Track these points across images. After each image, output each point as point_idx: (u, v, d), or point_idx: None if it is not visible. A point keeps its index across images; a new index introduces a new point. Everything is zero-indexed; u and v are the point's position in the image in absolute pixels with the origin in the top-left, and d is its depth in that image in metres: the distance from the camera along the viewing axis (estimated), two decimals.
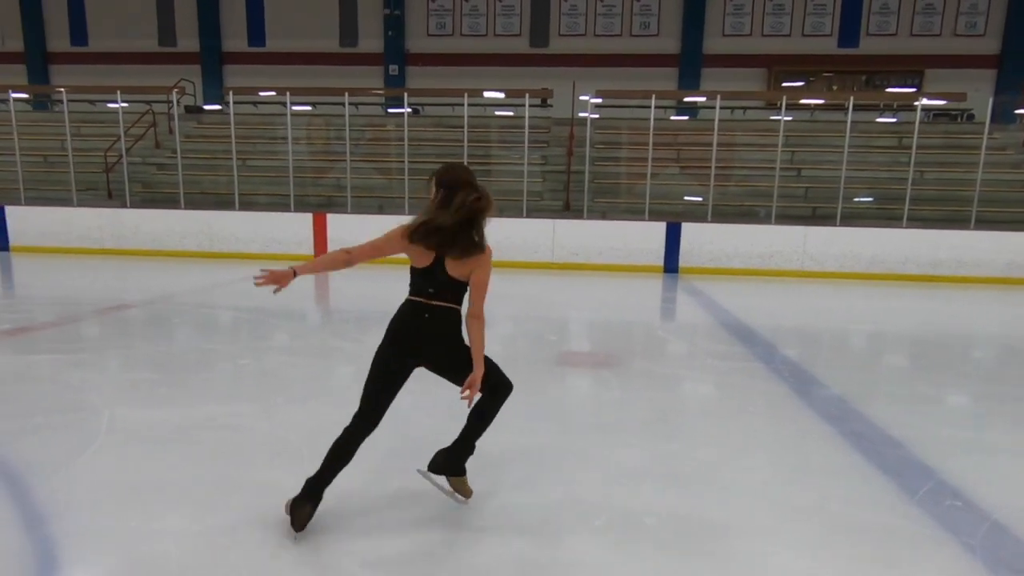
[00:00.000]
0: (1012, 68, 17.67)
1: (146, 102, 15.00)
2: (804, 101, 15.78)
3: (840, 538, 2.81)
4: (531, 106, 12.61)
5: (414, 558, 2.59)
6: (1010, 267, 11.22)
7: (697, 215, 12.43)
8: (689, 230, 11.72)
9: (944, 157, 13.70)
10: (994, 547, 2.74)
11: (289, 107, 13.11)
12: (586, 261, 11.86)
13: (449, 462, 2.88)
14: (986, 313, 9.31)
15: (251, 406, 4.38)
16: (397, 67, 19.33)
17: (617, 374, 5.46)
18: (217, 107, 16.66)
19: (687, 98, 16.88)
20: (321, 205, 13.26)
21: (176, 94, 14.22)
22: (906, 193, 11.78)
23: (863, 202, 12.90)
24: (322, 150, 15.07)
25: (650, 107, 12.31)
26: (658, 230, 11.76)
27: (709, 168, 12.16)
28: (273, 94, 14.55)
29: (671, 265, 11.73)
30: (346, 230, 12.20)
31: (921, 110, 12.15)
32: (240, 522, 2.80)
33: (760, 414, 4.54)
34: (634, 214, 12.46)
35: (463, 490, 2.95)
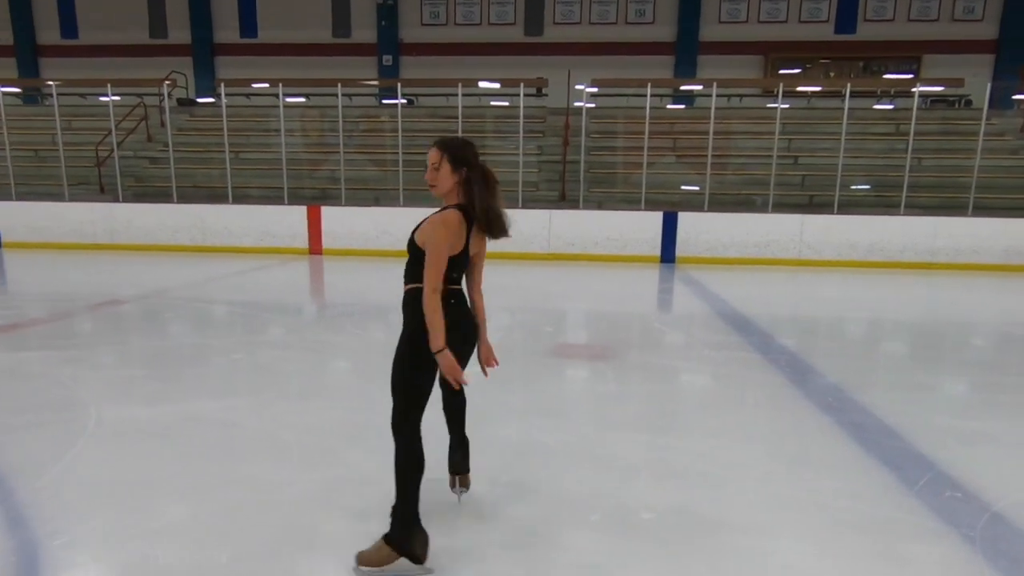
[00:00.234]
0: (1010, 53, 17.57)
1: (137, 95, 14.86)
2: (801, 88, 15.69)
3: (839, 531, 2.77)
4: (526, 96, 12.50)
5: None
6: (1008, 253, 11.19)
7: (694, 204, 12.37)
8: (686, 219, 11.66)
9: (942, 144, 13.63)
10: (994, 539, 2.70)
11: (282, 99, 12.99)
12: (582, 251, 11.80)
13: (464, 460, 2.86)
14: (984, 300, 9.27)
15: (243, 402, 4.33)
16: (391, 57, 19.17)
17: (613, 366, 5.41)
18: (210, 100, 16.52)
19: (683, 86, 16.78)
20: (315, 197, 13.16)
21: (167, 87, 14.09)
22: (904, 180, 11.72)
23: (860, 190, 12.85)
24: (316, 142, 14.96)
25: (646, 96, 12.20)
26: (654, 220, 11.69)
27: (706, 157, 12.08)
28: (266, 86, 14.42)
29: (668, 255, 11.68)
30: (340, 223, 12.13)
31: (919, 96, 12.06)
32: (228, 521, 2.75)
33: (757, 405, 4.50)
34: (630, 204, 12.39)
35: (467, 483, 2.93)
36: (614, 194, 13.23)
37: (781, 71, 18.34)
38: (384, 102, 16.04)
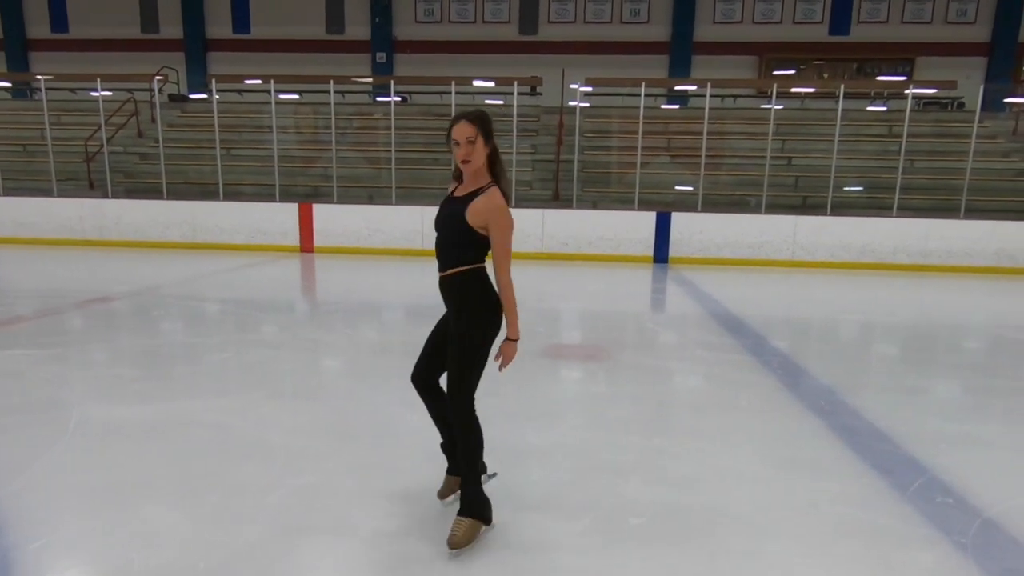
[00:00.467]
0: (1002, 56, 17.67)
1: (128, 90, 14.72)
2: (795, 89, 15.71)
3: (830, 536, 2.75)
4: (520, 94, 12.45)
5: (398, 555, 2.50)
6: (1000, 256, 11.22)
7: (687, 205, 12.35)
8: (679, 220, 11.64)
9: (934, 146, 13.66)
10: (986, 546, 2.68)
11: (274, 95, 12.89)
12: (576, 251, 11.77)
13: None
14: (976, 302, 9.29)
15: (230, 402, 4.27)
16: (385, 55, 19.10)
17: (606, 367, 5.37)
18: (202, 96, 16.39)
19: (677, 86, 16.77)
20: (307, 195, 13.08)
21: (158, 82, 13.97)
22: (896, 182, 11.74)
23: (853, 191, 12.86)
24: (308, 139, 14.87)
25: (640, 95, 12.18)
26: (648, 220, 11.67)
27: (699, 157, 12.07)
28: (258, 82, 14.30)
29: (661, 255, 11.66)
30: (332, 220, 12.05)
31: (911, 98, 12.08)
32: (211, 525, 2.70)
33: (749, 408, 4.47)
34: (624, 204, 12.36)
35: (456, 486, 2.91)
36: (608, 194, 13.21)
37: (775, 72, 18.38)
38: (378, 99, 15.97)
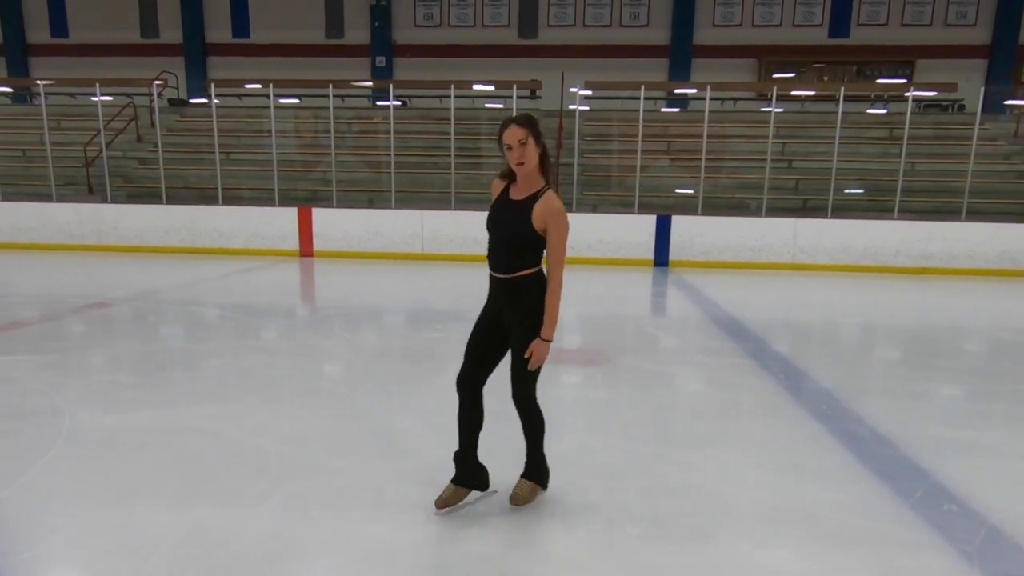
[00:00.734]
0: (1003, 58, 17.63)
1: (127, 95, 14.71)
2: (795, 92, 15.66)
3: (833, 544, 2.69)
4: (520, 98, 12.42)
5: (393, 565, 2.46)
6: (1002, 258, 11.17)
7: (687, 208, 12.30)
8: (679, 223, 11.59)
9: (935, 148, 13.62)
10: (993, 555, 2.62)
11: (272, 100, 12.88)
12: (575, 255, 11.71)
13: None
14: (979, 305, 9.24)
15: (224, 409, 4.23)
16: (384, 59, 19.09)
17: (605, 371, 5.33)
18: (202, 100, 16.38)
19: (677, 89, 16.77)
20: (307, 199, 13.04)
21: (157, 87, 13.96)
22: (897, 184, 11.69)
23: (854, 194, 12.82)
24: (308, 143, 14.84)
25: (640, 99, 12.15)
26: (648, 223, 11.63)
27: (699, 160, 12.03)
28: (258, 87, 14.30)
29: (661, 259, 11.62)
30: (332, 224, 12.02)
31: (912, 101, 12.04)
32: (202, 535, 2.65)
33: (750, 413, 4.42)
34: (624, 207, 12.32)
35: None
36: (608, 197, 13.17)
37: (775, 75, 18.34)
38: (377, 103, 15.95)
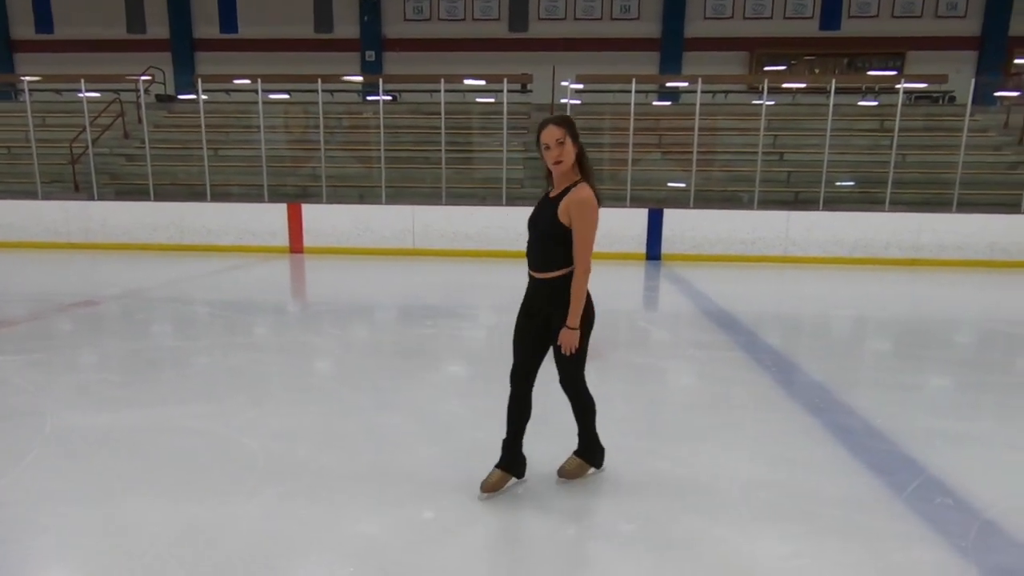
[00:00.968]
0: (993, 49, 17.67)
1: (114, 91, 14.55)
2: (786, 85, 15.67)
3: (826, 539, 2.67)
4: (510, 92, 12.36)
5: (384, 563, 2.41)
6: (992, 249, 11.20)
7: (679, 201, 12.28)
8: (671, 216, 11.58)
9: (926, 140, 13.65)
10: (987, 549, 2.60)
11: (261, 95, 12.76)
12: None
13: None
14: (969, 296, 9.26)
15: (211, 408, 4.16)
16: (374, 53, 18.96)
17: (596, 365, 5.26)
18: (190, 96, 16.22)
19: (668, 83, 16.72)
20: (296, 195, 12.95)
21: (145, 82, 13.80)
22: (888, 176, 11.71)
23: (845, 186, 12.83)
24: (297, 139, 14.73)
25: (631, 92, 12.10)
26: (640, 216, 11.60)
27: (691, 153, 12.01)
28: (246, 82, 14.16)
29: (653, 252, 11.60)
30: (321, 220, 11.93)
31: (903, 92, 12.04)
32: (188, 537, 2.60)
33: (742, 406, 4.39)
34: (616, 200, 12.28)
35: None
36: (599, 191, 13.08)
37: (766, 67, 18.34)
38: (367, 98, 15.84)
